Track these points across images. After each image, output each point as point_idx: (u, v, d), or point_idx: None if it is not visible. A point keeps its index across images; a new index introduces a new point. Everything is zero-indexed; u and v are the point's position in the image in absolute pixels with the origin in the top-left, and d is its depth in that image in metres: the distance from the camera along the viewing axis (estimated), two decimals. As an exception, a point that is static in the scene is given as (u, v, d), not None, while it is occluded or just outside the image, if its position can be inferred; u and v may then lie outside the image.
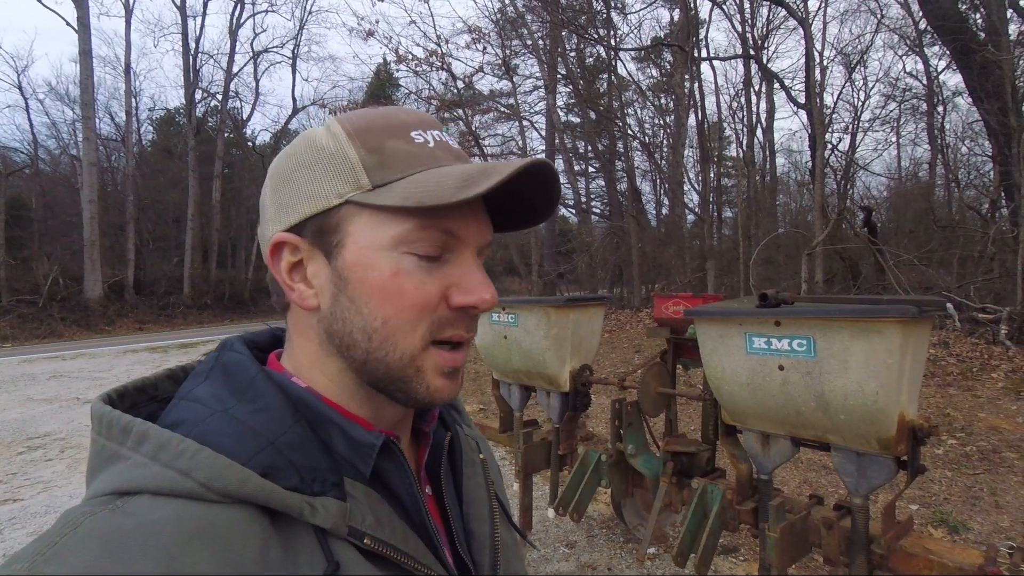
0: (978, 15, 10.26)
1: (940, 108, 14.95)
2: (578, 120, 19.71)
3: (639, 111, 19.13)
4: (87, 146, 17.05)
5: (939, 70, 14.32)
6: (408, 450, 0.56)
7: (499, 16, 15.30)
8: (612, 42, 14.54)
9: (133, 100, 21.29)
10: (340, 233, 0.47)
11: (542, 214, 0.55)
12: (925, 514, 3.37)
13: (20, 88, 20.01)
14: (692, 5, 12.77)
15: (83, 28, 16.78)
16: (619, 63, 15.84)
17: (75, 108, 19.35)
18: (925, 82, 14.96)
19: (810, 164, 11.84)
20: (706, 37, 13.59)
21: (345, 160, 0.47)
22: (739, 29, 13.41)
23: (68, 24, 17.23)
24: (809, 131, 10.92)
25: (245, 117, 25.42)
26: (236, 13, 22.35)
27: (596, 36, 14.22)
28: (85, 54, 16.84)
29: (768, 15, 14.69)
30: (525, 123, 16.68)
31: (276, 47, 24.88)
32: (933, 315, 1.73)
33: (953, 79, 15.34)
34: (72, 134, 21.05)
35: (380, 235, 0.46)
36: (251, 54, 23.79)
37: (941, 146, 14.74)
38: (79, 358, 11.24)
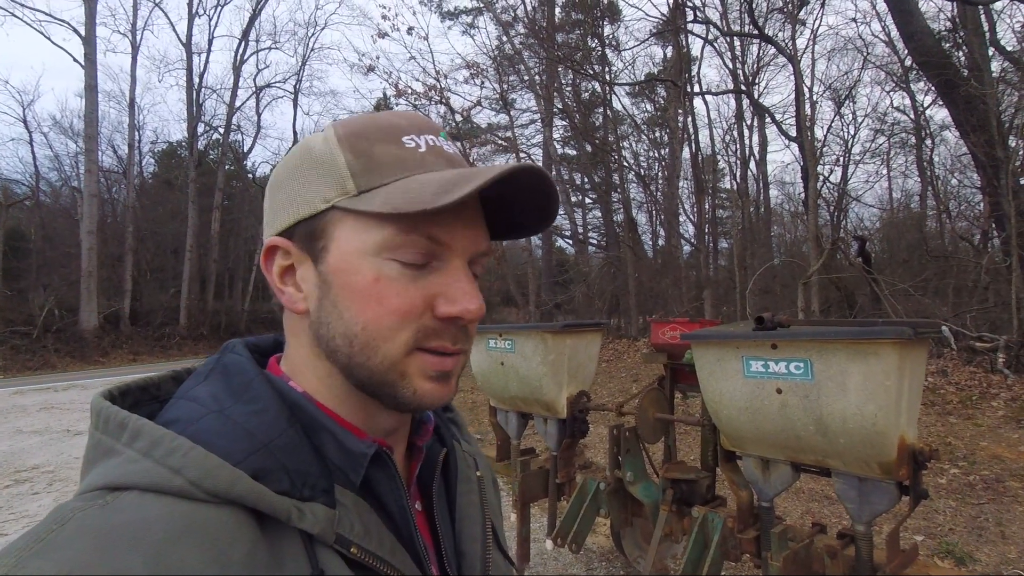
0: (961, 53, 10.60)
1: (928, 141, 15.31)
2: (574, 152, 20.09)
3: (634, 144, 19.51)
4: (89, 178, 17.22)
5: (925, 105, 14.72)
6: (401, 463, 0.55)
7: (497, 53, 15.72)
8: (607, 77, 14.91)
9: (136, 133, 21.70)
10: (326, 238, 0.47)
11: (539, 222, 0.54)
12: (931, 545, 3.31)
13: (25, 122, 20.41)
14: (684, 43, 13.17)
15: (90, 64, 17.16)
16: (614, 98, 16.24)
17: (78, 141, 19.61)
18: (913, 116, 15.35)
19: (803, 195, 12.01)
20: (698, 73, 13.94)
21: (333, 165, 0.47)
22: (730, 66, 13.79)
23: (75, 60, 17.62)
24: (801, 163, 11.12)
25: (246, 150, 25.86)
26: (240, 50, 22.97)
27: (592, 72, 14.59)
28: (91, 89, 17.18)
29: (758, 52, 15.14)
30: (522, 155, 16.97)
31: (278, 82, 25.50)
32: (929, 337, 1.73)
33: (940, 113, 15.76)
34: (74, 166, 21.32)
35: (363, 241, 0.46)
36: (254, 89, 24.33)
37: (931, 178, 15.03)
38: (71, 389, 11.10)
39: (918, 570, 1.79)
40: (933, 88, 10.92)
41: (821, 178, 12.60)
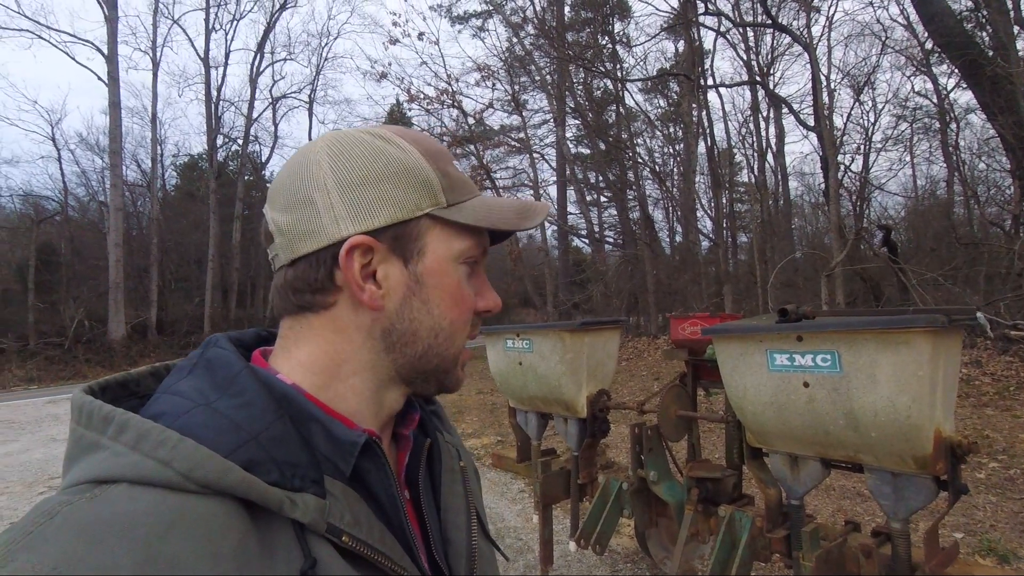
0: (984, 32, 10.28)
1: (953, 126, 14.86)
2: (588, 151, 19.96)
3: (648, 140, 19.33)
4: (114, 192, 17.66)
5: (948, 89, 14.29)
6: (388, 453, 0.56)
7: (507, 55, 15.71)
8: (619, 74, 14.80)
9: (158, 147, 22.15)
10: (421, 241, 0.52)
11: (506, 238, 0.64)
12: (971, 542, 3.18)
13: (53, 140, 20.87)
14: (697, 36, 13.00)
15: (113, 82, 17.59)
16: (627, 94, 16.11)
17: (104, 157, 20.08)
18: (936, 101, 14.91)
19: (823, 186, 11.76)
20: (711, 66, 13.74)
21: (426, 177, 0.52)
22: (744, 57, 13.58)
23: (99, 78, 18.09)
24: (820, 153, 10.89)
25: (264, 160, 26.23)
26: (256, 62, 23.33)
27: (603, 69, 14.50)
28: (114, 106, 17.62)
29: (772, 43, 14.88)
30: (536, 155, 16.92)
31: (294, 92, 25.75)
32: (963, 325, 1.66)
33: (964, 96, 15.25)
34: (100, 181, 21.81)
35: (451, 247, 0.53)
36: (270, 100, 24.71)
37: (957, 163, 14.59)
38: (101, 399, 11.36)
39: (960, 569, 1.72)
40: (956, 71, 10.61)
41: (842, 167, 12.32)
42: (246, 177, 24.30)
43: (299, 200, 0.50)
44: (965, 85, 10.32)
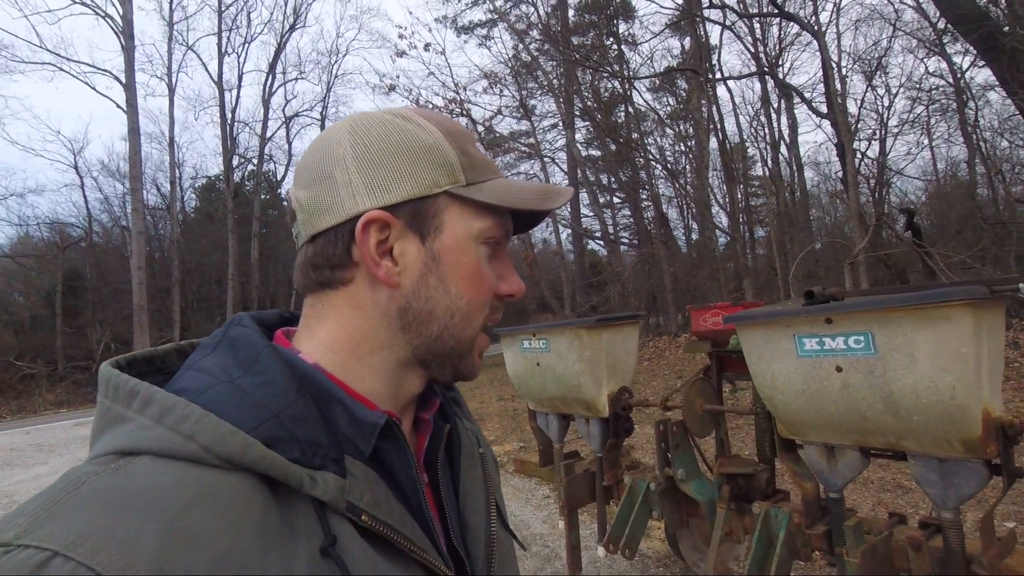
0: (998, 7, 9.98)
1: (972, 105, 14.47)
2: (598, 153, 19.87)
3: (659, 139, 19.16)
4: (135, 216, 18.03)
5: (964, 68, 13.91)
6: (408, 436, 0.56)
7: (514, 62, 15.73)
8: (627, 73, 14.72)
9: (177, 170, 22.53)
10: (438, 219, 0.51)
11: (533, 224, 0.62)
12: None
13: (76, 168, 21.43)
14: (703, 31, 12.88)
15: (131, 109, 18.01)
16: (635, 93, 16.01)
17: (125, 182, 20.58)
18: (951, 81, 14.54)
19: (840, 174, 11.51)
20: (718, 60, 13.60)
21: (445, 156, 0.51)
22: (752, 49, 13.40)
23: (118, 106, 18.51)
24: (835, 140, 10.67)
25: (279, 178, 26.60)
26: (268, 83, 23.69)
27: (610, 70, 14.44)
28: (133, 132, 18.02)
29: (779, 33, 14.66)
30: (546, 159, 16.88)
31: (306, 111, 26.06)
32: (1005, 296, 1.55)
33: (981, 75, 14.85)
34: (122, 206, 22.31)
35: (470, 226, 0.52)
36: (283, 119, 25.06)
37: (977, 143, 14.20)
38: (128, 421, 11.53)
39: (1021, 560, 1.60)
40: (971, 48, 10.32)
41: (859, 154, 12.06)
42: (262, 196, 24.66)
43: (320, 176, 0.51)
44: (982, 62, 10.04)
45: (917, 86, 14.94)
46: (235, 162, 23.32)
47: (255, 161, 24.17)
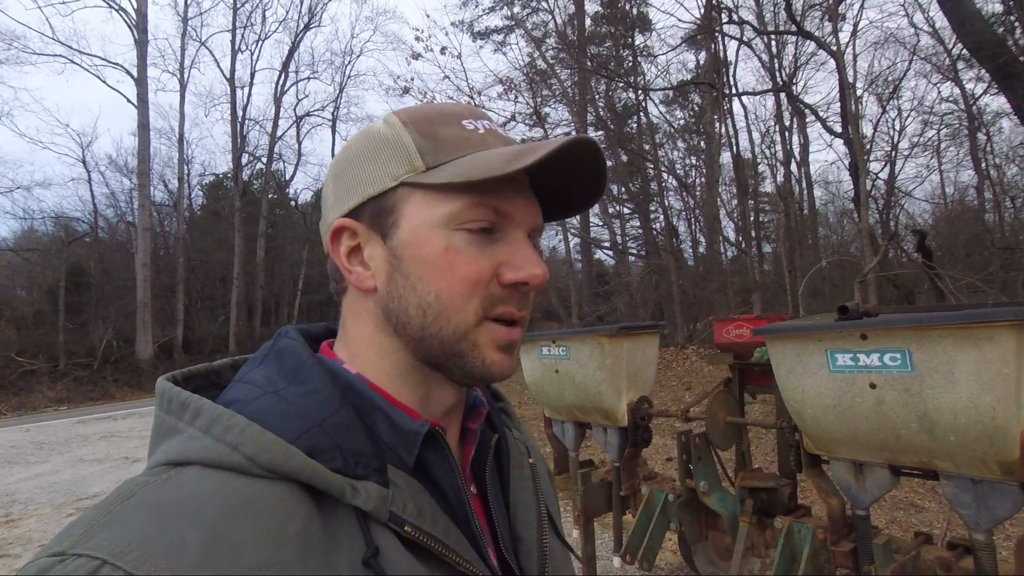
0: (1014, 36, 10.03)
1: (982, 131, 14.53)
2: (610, 164, 19.91)
3: (670, 152, 19.23)
4: (142, 213, 18.10)
5: (976, 95, 13.98)
6: (455, 447, 0.55)
7: (529, 69, 15.82)
8: (642, 84, 14.79)
9: (185, 167, 22.70)
10: (395, 214, 0.49)
11: (589, 198, 0.55)
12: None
13: (84, 162, 21.52)
14: (722, 45, 12.95)
15: (142, 104, 18.15)
16: (649, 104, 16.08)
17: (132, 178, 20.62)
18: (963, 107, 14.61)
19: (852, 193, 11.53)
20: (733, 76, 13.67)
21: (401, 144, 0.49)
22: (769, 66, 13.47)
23: (129, 101, 18.66)
24: (849, 160, 10.70)
25: (288, 177, 26.74)
26: (280, 81, 23.88)
27: (625, 81, 14.51)
28: (143, 127, 18.14)
29: (795, 52, 14.75)
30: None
31: (317, 110, 26.24)
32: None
33: (995, 102, 14.90)
34: (129, 202, 22.39)
35: (433, 213, 0.48)
36: (294, 118, 25.24)
37: (986, 170, 14.24)
38: (129, 418, 11.52)
39: (1053, 584, 1.58)
40: (986, 76, 10.36)
41: (871, 175, 12.09)
42: (270, 195, 24.75)
43: (322, 201, 0.56)
44: (996, 90, 10.07)
45: (929, 110, 15.01)
46: (244, 160, 23.44)
47: (264, 160, 24.31)
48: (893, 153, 15.19)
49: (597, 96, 15.25)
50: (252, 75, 23.53)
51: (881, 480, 1.81)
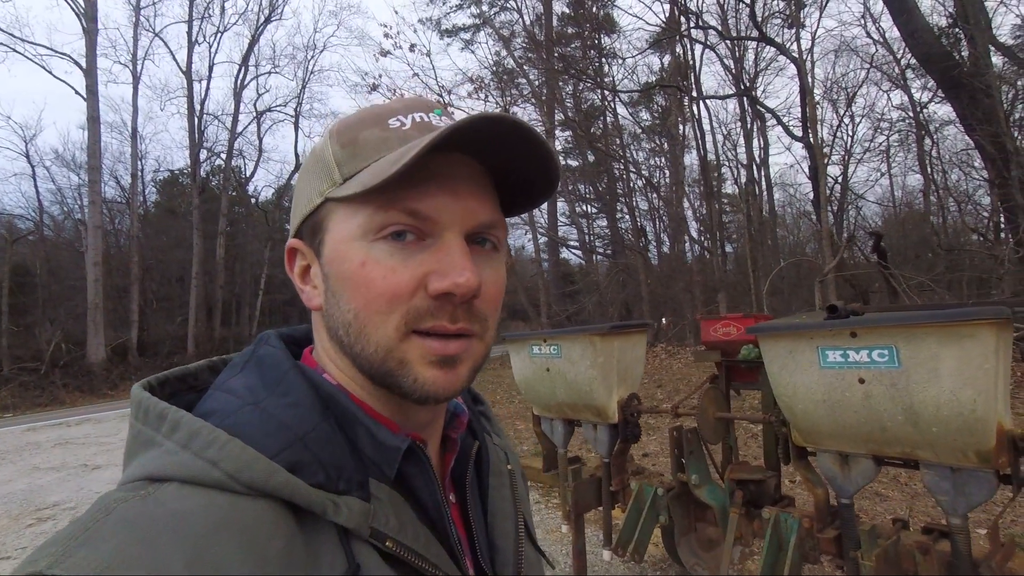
0: (960, 48, 10.65)
1: (928, 139, 15.34)
2: (577, 163, 20.14)
3: (635, 153, 19.58)
4: (93, 210, 17.25)
5: (923, 103, 14.78)
6: (435, 456, 0.55)
7: (497, 67, 15.84)
8: (610, 85, 15.01)
9: (139, 163, 21.72)
10: (322, 231, 0.48)
11: (546, 182, 0.50)
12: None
13: (27, 156, 20.38)
14: (689, 48, 13.25)
15: (91, 96, 17.26)
16: (616, 104, 16.33)
17: (80, 174, 19.68)
18: (911, 114, 15.40)
19: (811, 195, 12.00)
20: (698, 79, 14.02)
21: (325, 159, 0.48)
22: (733, 70, 13.87)
23: (77, 92, 17.72)
24: (810, 163, 11.13)
25: (248, 174, 25.93)
26: (240, 75, 23.15)
27: (593, 80, 14.69)
28: (93, 120, 17.26)
29: (755, 57, 15.25)
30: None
31: (279, 106, 25.62)
32: (1021, 315, 1.67)
33: (941, 110, 15.79)
34: (77, 199, 21.32)
35: (349, 226, 0.46)
36: (255, 114, 24.49)
37: (931, 174, 15.04)
38: (84, 424, 10.97)
39: (1022, 563, 1.71)
40: (934, 85, 10.96)
41: (829, 178, 12.61)
42: (230, 192, 23.98)
43: None
44: (941, 99, 10.68)
45: (880, 116, 15.76)
46: (202, 156, 22.64)
47: (223, 156, 23.53)
48: (847, 157, 15.90)
49: (565, 96, 15.40)
50: (210, 68, 22.70)
51: (865, 470, 1.92)
